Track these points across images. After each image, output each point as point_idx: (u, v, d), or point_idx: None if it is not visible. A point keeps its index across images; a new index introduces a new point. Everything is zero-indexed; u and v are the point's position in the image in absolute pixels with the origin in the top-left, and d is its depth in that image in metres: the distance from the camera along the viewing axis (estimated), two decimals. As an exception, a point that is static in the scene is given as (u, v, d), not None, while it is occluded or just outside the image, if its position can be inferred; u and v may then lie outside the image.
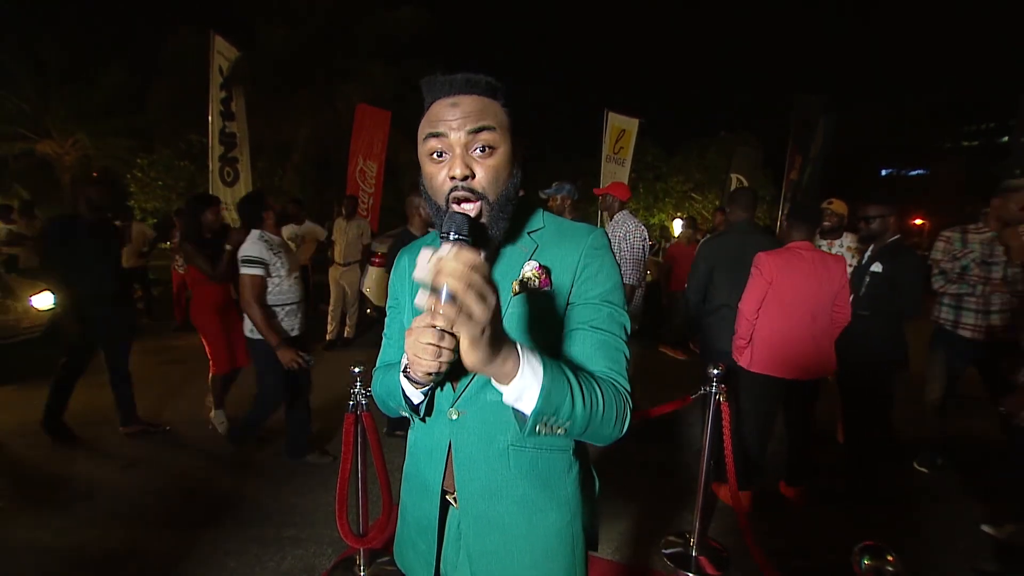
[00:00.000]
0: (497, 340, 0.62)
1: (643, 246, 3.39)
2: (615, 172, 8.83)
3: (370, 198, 7.64)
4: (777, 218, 10.51)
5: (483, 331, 0.60)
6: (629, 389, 0.81)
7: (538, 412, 0.68)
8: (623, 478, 2.80)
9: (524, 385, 0.67)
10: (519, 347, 0.67)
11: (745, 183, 9.70)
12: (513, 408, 0.71)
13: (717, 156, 20.36)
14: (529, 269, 0.83)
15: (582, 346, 0.81)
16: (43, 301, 4.82)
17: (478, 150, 0.78)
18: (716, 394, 2.11)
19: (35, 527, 2.37)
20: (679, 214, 22.00)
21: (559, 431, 0.71)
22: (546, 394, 0.67)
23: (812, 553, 2.29)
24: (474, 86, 0.78)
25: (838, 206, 3.22)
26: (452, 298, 0.58)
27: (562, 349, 0.84)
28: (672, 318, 6.01)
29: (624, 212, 3.51)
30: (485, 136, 0.78)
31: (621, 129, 8.74)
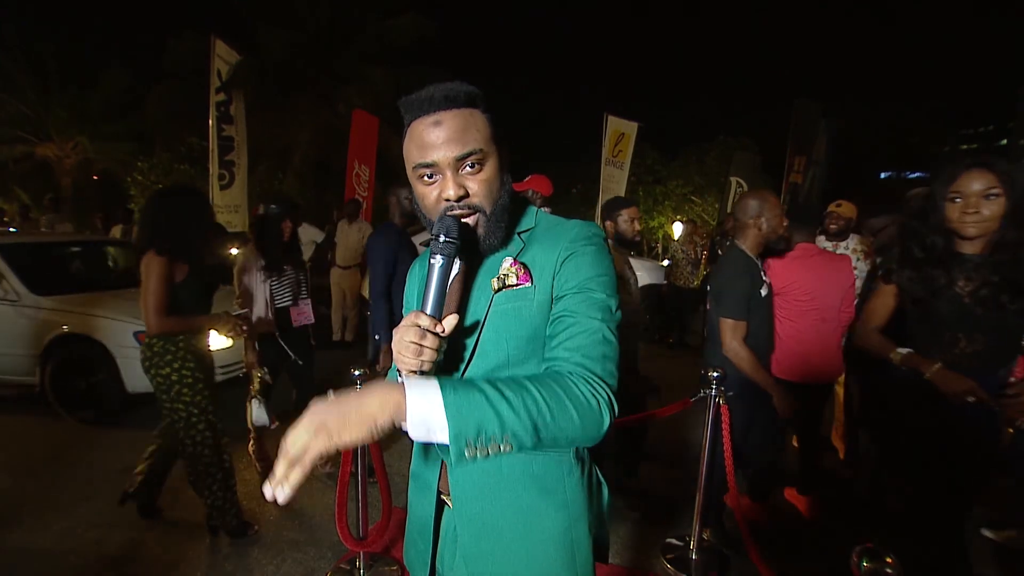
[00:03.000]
0: (360, 416, 0.62)
1: None
2: (614, 176, 8.86)
3: (363, 201, 7.71)
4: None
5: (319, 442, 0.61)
6: (601, 375, 0.76)
7: (455, 435, 0.63)
8: (623, 481, 2.79)
9: (423, 414, 0.63)
10: (403, 382, 0.66)
11: (745, 186, 9.72)
12: (435, 445, 0.69)
13: (716, 160, 20.41)
14: (506, 266, 0.84)
15: (557, 334, 0.80)
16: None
17: (468, 167, 0.80)
18: (716, 397, 2.11)
19: (36, 530, 2.37)
20: (679, 217, 22.02)
21: (503, 448, 0.66)
22: (454, 413, 0.63)
23: (812, 556, 2.29)
24: (453, 100, 0.78)
25: (846, 209, 3.18)
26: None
27: (544, 342, 0.83)
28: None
29: (549, 211, 3.41)
30: (473, 157, 0.79)
31: (620, 133, 8.77)
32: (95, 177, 16.15)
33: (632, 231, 2.52)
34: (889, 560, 0.72)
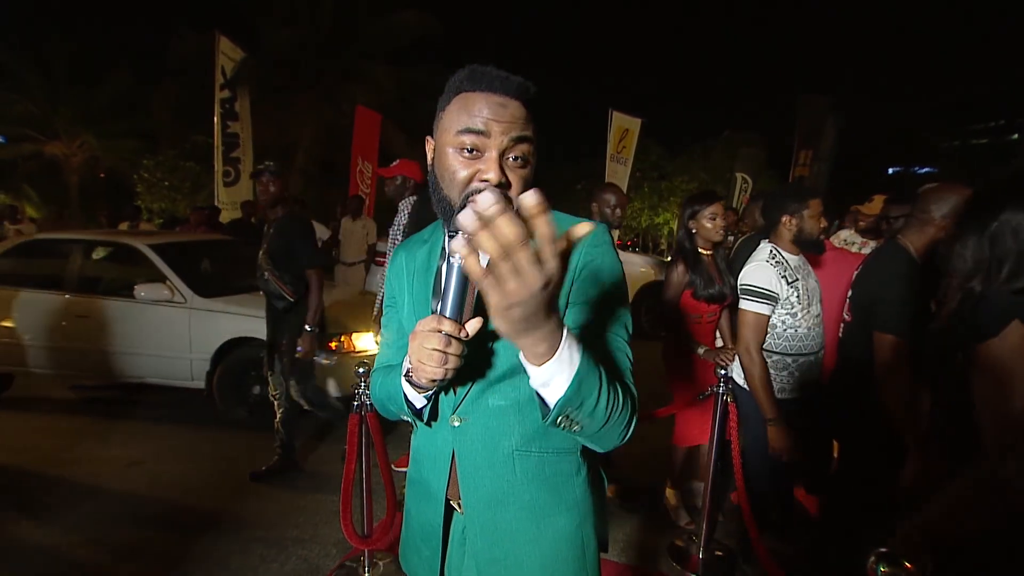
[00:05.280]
0: (535, 317, 0.53)
1: None
2: (618, 171, 8.83)
3: (367, 198, 7.71)
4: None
5: (511, 308, 0.51)
6: (635, 393, 0.76)
7: (565, 401, 0.62)
8: (629, 478, 2.77)
9: (556, 370, 0.60)
10: (565, 329, 0.60)
11: (750, 182, 9.64)
12: (537, 394, 0.65)
13: (721, 156, 20.28)
14: None
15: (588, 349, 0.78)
16: None
17: (513, 158, 0.76)
18: (723, 394, 2.09)
19: (43, 526, 2.38)
20: (684, 213, 21.86)
21: (575, 428, 0.66)
22: (578, 383, 0.61)
23: (820, 555, 2.26)
24: (524, 92, 0.75)
25: (876, 204, 2.97)
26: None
27: None
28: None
29: (417, 200, 2.67)
30: (524, 147, 0.76)
31: (624, 128, 8.73)
32: (101, 175, 16.26)
33: (817, 229, 1.97)
34: (908, 565, 0.70)
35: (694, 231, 2.26)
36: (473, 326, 0.71)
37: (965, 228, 1.01)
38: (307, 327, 2.66)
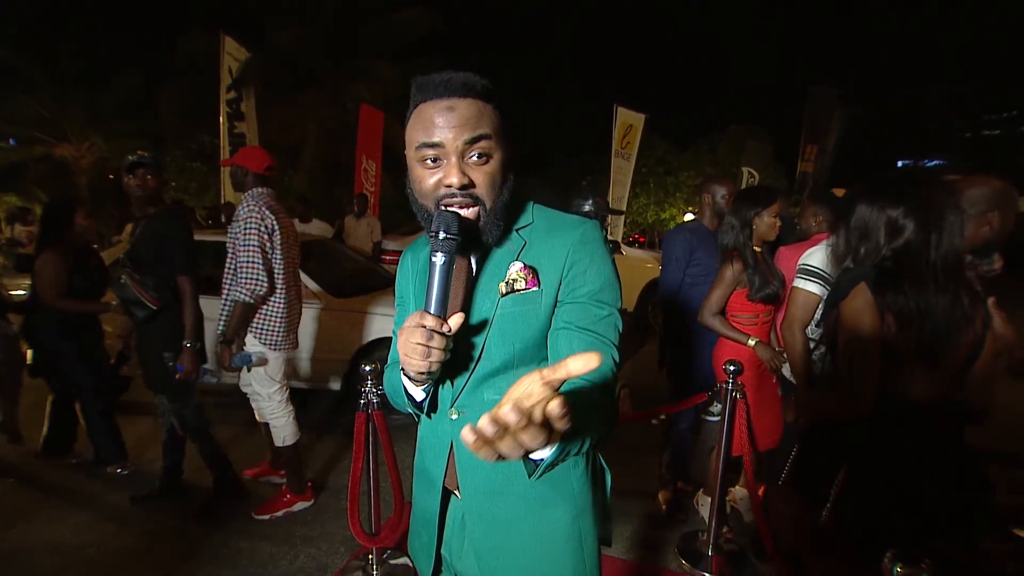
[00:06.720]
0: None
1: (259, 242, 2.24)
2: (622, 167, 8.80)
3: (371, 196, 7.76)
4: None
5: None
6: (614, 396, 0.79)
7: (548, 463, 0.62)
8: (636, 475, 2.76)
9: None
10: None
11: (756, 176, 9.57)
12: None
13: (728, 150, 20.16)
14: (515, 271, 0.82)
15: (569, 347, 0.79)
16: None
17: (474, 157, 0.77)
18: (733, 390, 2.07)
19: (54, 523, 2.41)
20: (690, 208, 21.82)
21: (568, 459, 0.67)
22: (562, 448, 0.62)
23: (833, 554, 2.23)
24: (470, 89, 0.77)
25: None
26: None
27: (549, 349, 0.83)
28: None
29: (259, 191, 2.36)
30: (482, 145, 0.77)
31: (628, 124, 8.71)
32: (110, 176, 16.40)
33: None
34: (924, 564, 0.68)
35: (755, 228, 2.21)
36: (455, 321, 0.73)
37: (841, 222, 1.35)
38: (187, 343, 2.32)
